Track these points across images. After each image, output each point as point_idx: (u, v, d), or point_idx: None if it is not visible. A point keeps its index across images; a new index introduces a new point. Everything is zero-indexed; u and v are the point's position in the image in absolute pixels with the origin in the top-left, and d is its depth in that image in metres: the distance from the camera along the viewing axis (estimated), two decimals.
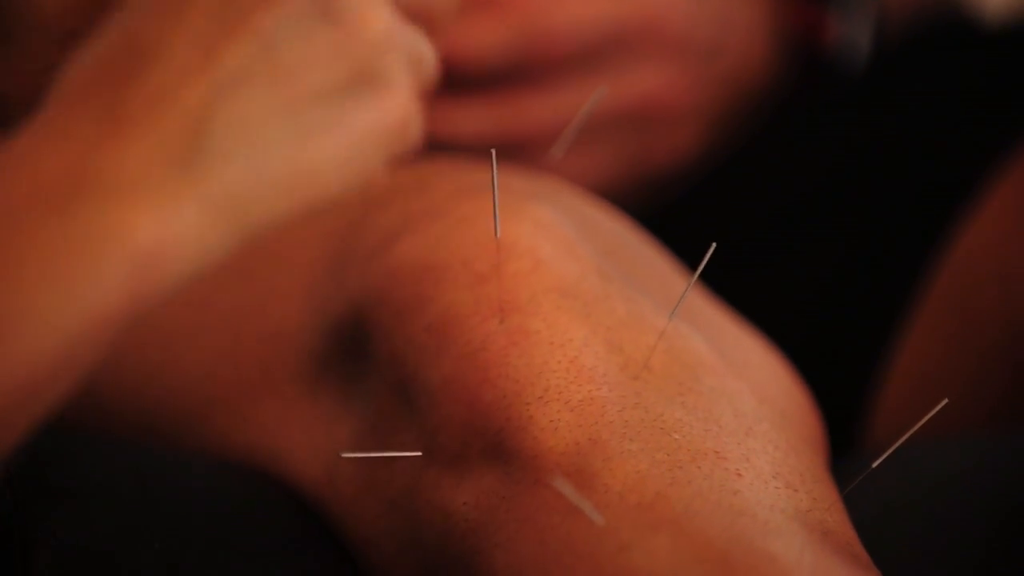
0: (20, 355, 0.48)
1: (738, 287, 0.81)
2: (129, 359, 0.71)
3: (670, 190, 0.94)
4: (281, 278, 0.70)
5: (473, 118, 0.85)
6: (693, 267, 0.60)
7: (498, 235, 0.60)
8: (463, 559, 0.57)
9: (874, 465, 0.58)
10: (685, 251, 0.78)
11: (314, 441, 0.65)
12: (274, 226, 0.52)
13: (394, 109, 0.54)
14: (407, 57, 0.55)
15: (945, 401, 0.59)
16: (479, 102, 0.85)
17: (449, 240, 0.62)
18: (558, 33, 0.84)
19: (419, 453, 0.59)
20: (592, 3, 0.65)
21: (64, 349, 0.48)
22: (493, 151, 0.58)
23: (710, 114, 0.93)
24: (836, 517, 0.58)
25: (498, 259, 0.61)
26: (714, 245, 0.59)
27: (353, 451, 0.62)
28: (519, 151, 0.86)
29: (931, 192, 0.87)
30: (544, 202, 0.62)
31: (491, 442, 0.58)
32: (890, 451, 0.58)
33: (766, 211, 0.92)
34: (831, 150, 0.93)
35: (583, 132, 0.87)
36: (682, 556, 0.53)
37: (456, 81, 0.84)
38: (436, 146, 0.82)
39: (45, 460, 0.66)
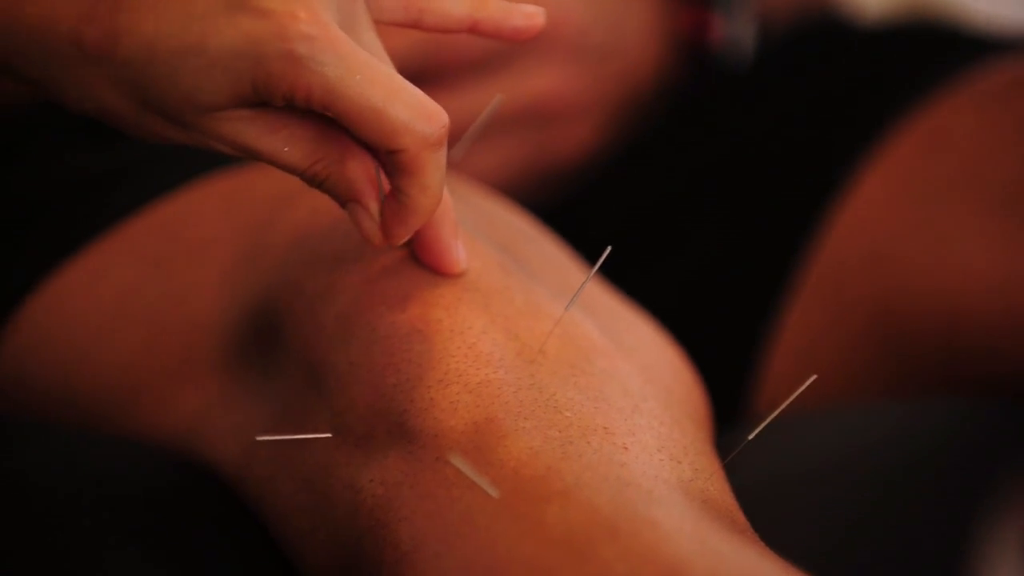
0: None
1: (632, 272, 0.82)
2: (57, 348, 0.73)
3: (569, 183, 0.95)
4: (199, 271, 0.71)
5: None
6: (590, 254, 0.62)
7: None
8: (370, 532, 0.58)
9: (749, 438, 0.60)
10: (584, 239, 0.80)
11: (233, 424, 0.67)
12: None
13: (261, 38, 0.55)
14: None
15: (813, 378, 0.61)
16: None
17: (357, 235, 0.63)
18: (458, 38, 0.85)
19: (329, 435, 0.61)
20: None
21: None
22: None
23: (606, 111, 0.94)
24: (717, 486, 0.60)
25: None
26: (609, 248, 0.61)
27: (269, 433, 0.63)
28: None
29: (809, 177, 0.89)
30: (447, 199, 0.63)
31: (395, 422, 0.60)
32: (764, 424, 0.60)
33: (659, 199, 0.93)
34: (719, 141, 0.94)
35: (485, 130, 0.88)
36: (572, 524, 0.55)
37: None
38: None
39: None
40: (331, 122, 0.59)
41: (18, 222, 0.77)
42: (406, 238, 0.60)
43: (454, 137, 0.59)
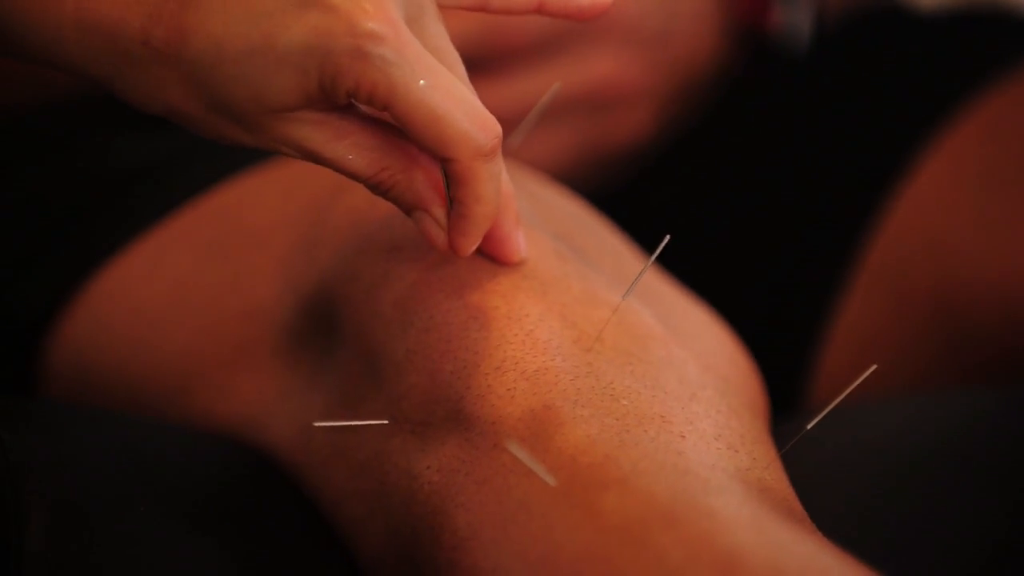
0: None
1: (687, 260, 0.82)
2: (115, 334, 0.73)
3: (625, 170, 0.95)
4: (256, 257, 0.71)
5: None
6: (646, 241, 0.62)
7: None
8: (426, 519, 0.58)
9: (808, 427, 0.60)
10: (640, 226, 0.80)
11: (290, 411, 0.67)
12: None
13: (330, 33, 0.55)
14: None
15: (873, 367, 0.60)
16: None
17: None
18: (516, 24, 0.86)
19: (386, 421, 0.61)
20: None
21: None
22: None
23: (662, 96, 0.94)
24: (774, 475, 0.60)
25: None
26: (668, 237, 0.61)
27: (325, 420, 0.64)
28: None
29: (867, 166, 0.88)
30: (510, 189, 0.63)
31: (452, 409, 0.60)
32: (823, 414, 0.60)
33: (714, 187, 0.93)
34: (776, 127, 0.94)
35: (542, 116, 0.88)
36: (629, 512, 0.55)
37: None
38: None
39: (37, 430, 0.68)
40: (396, 131, 0.59)
41: (77, 210, 0.78)
42: (471, 248, 0.61)
43: (512, 124, 0.59)
